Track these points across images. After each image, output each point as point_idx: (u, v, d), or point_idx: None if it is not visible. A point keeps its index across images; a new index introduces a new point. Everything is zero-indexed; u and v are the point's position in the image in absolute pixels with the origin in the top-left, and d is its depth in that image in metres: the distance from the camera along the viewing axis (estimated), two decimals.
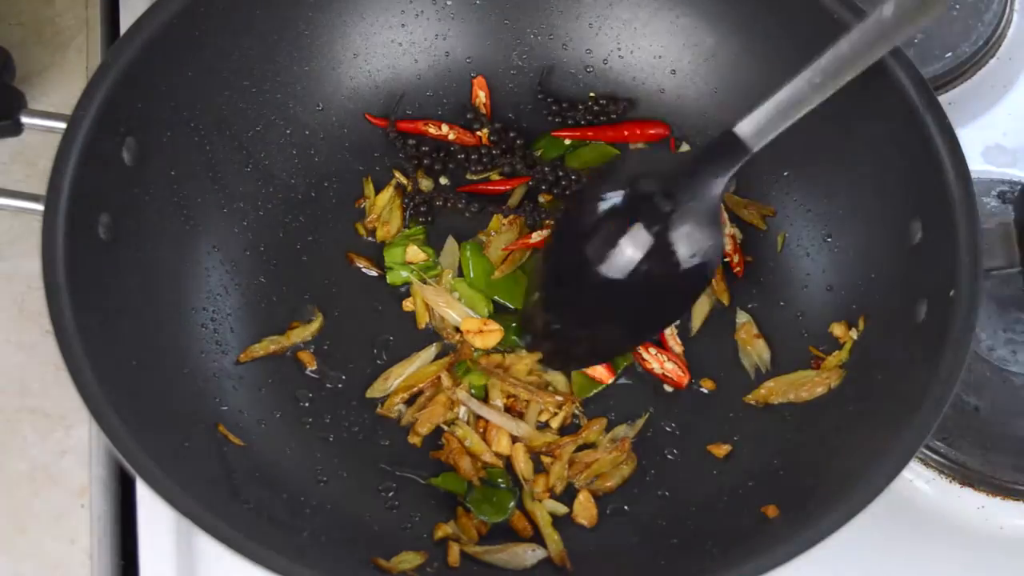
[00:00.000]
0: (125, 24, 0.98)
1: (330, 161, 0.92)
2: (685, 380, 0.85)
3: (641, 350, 0.86)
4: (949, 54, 1.03)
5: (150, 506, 0.80)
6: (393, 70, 0.94)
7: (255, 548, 0.65)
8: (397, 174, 0.92)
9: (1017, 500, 0.85)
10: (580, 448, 0.83)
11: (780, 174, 0.90)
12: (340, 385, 0.85)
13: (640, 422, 0.84)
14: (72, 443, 0.82)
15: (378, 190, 0.92)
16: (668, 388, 0.86)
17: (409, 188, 0.91)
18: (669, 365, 0.85)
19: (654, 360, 0.86)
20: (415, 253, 0.89)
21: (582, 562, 0.78)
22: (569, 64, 0.95)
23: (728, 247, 0.89)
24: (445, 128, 0.93)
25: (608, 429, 0.84)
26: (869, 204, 0.85)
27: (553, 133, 0.93)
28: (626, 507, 0.81)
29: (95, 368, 0.69)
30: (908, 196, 0.81)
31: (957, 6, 1.06)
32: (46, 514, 0.80)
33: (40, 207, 0.73)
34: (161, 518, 0.80)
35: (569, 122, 0.94)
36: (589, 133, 0.93)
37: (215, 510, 0.66)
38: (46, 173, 0.73)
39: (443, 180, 0.93)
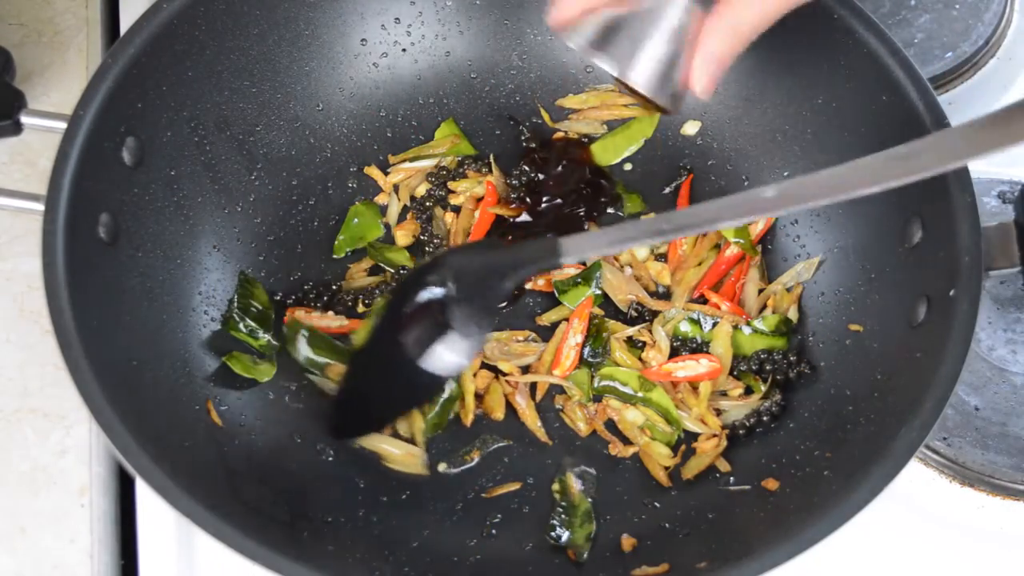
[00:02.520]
0: (125, 24, 0.98)
1: (330, 161, 0.92)
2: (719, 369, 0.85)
3: (671, 365, 0.85)
4: (949, 54, 1.03)
5: (150, 506, 0.80)
6: (393, 70, 0.94)
7: (253, 547, 0.65)
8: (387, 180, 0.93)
9: (1017, 500, 0.85)
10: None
11: (780, 174, 0.90)
12: None
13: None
14: (72, 443, 0.82)
15: (379, 189, 0.93)
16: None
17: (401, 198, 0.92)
18: (704, 362, 0.85)
19: (687, 368, 0.85)
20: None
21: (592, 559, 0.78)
22: (569, 64, 0.95)
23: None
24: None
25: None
26: (870, 204, 0.84)
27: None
28: (627, 509, 0.81)
29: (95, 368, 0.69)
30: (908, 196, 0.81)
31: (957, 6, 1.06)
32: (46, 514, 0.80)
33: (40, 207, 0.73)
34: (161, 518, 0.80)
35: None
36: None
37: (214, 509, 0.66)
38: (46, 173, 0.73)
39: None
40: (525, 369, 0.86)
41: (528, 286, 0.89)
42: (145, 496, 0.81)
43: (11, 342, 0.86)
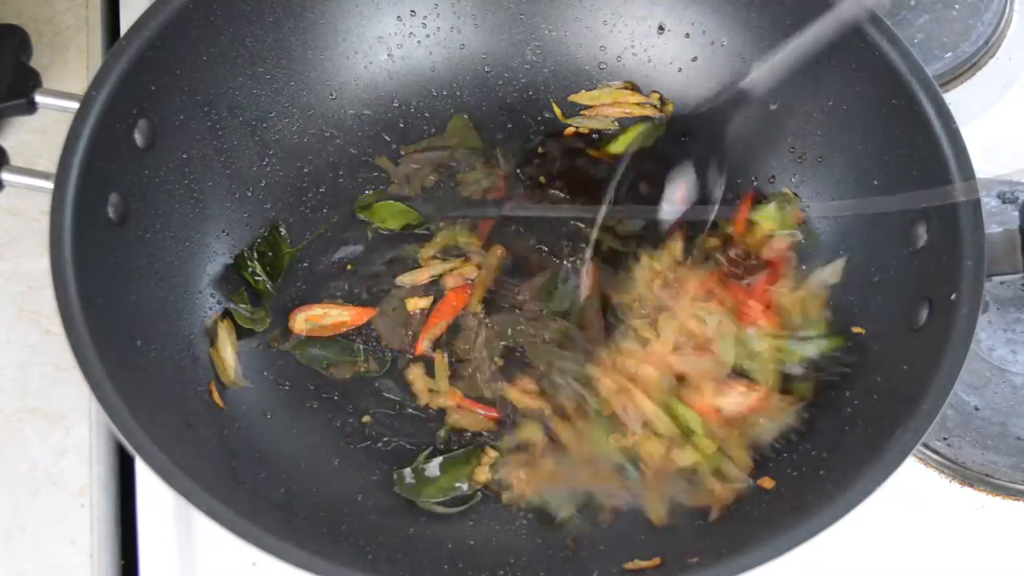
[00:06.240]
0: (125, 24, 0.98)
1: (342, 150, 0.93)
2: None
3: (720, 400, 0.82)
4: (949, 54, 1.03)
5: (150, 506, 0.80)
6: (407, 61, 0.94)
7: (248, 528, 0.65)
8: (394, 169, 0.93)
9: (1017, 500, 0.85)
10: None
11: (789, 178, 0.90)
12: None
13: None
14: (72, 443, 0.82)
15: (389, 181, 0.93)
16: None
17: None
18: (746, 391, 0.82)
19: (733, 400, 0.82)
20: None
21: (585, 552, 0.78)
22: (583, 61, 0.96)
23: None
24: None
25: None
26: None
27: None
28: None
29: (96, 343, 0.69)
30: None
31: (957, 6, 1.06)
32: (46, 514, 0.80)
33: (49, 185, 0.73)
34: (161, 518, 0.80)
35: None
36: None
37: (211, 489, 0.66)
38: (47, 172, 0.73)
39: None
40: None
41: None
42: (145, 496, 0.81)
43: (11, 342, 0.86)
